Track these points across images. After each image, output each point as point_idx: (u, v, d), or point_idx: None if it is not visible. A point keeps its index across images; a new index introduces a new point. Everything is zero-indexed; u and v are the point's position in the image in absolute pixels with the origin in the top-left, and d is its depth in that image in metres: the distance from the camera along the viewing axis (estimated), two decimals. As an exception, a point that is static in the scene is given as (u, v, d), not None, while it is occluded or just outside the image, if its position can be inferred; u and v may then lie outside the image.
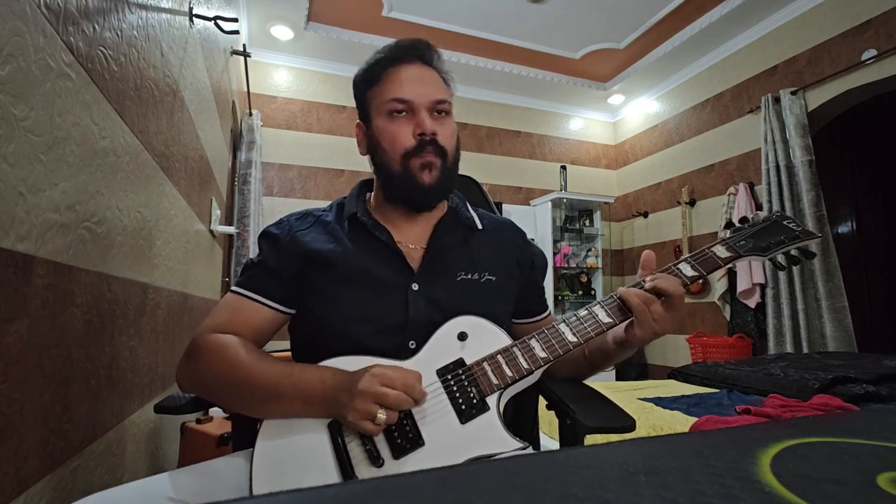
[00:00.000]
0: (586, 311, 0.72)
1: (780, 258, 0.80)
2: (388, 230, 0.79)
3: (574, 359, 0.83)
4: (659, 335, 0.70)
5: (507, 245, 0.86)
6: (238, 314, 0.73)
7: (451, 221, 0.84)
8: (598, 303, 0.73)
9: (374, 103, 0.78)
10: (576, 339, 0.70)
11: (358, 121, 0.83)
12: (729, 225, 0.85)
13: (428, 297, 0.74)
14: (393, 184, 0.78)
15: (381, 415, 0.58)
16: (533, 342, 0.70)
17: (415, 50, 0.78)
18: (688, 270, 0.74)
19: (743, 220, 0.84)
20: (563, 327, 0.71)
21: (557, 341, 0.70)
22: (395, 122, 0.75)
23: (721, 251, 0.77)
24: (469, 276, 0.78)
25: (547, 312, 0.92)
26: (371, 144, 0.80)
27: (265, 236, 0.80)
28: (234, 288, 0.76)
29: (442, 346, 0.70)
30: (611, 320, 0.71)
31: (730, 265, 0.77)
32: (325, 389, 0.62)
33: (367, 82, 0.79)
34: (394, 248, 0.77)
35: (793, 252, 0.79)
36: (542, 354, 0.69)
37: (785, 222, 0.81)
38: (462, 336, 0.70)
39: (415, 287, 0.74)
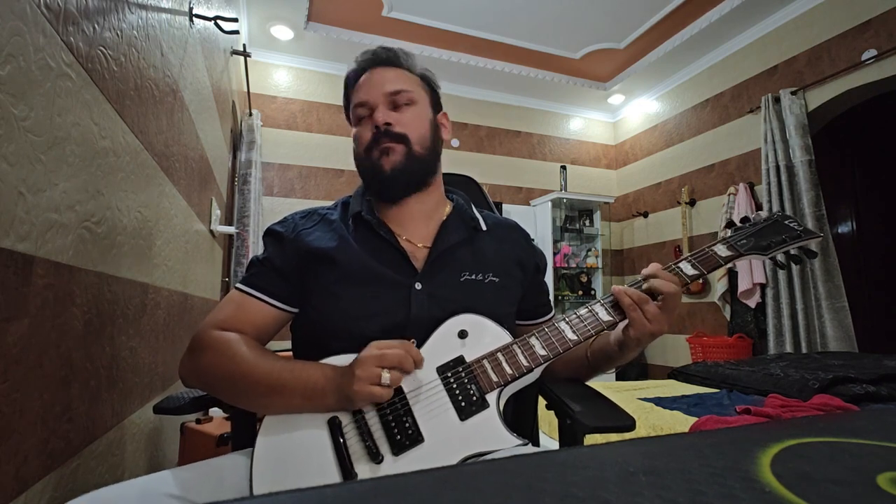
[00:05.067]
0: (586, 310, 0.73)
1: (781, 257, 0.80)
2: (391, 229, 0.79)
3: (576, 360, 0.83)
4: (655, 335, 0.70)
5: (511, 246, 0.86)
6: (241, 311, 0.74)
7: (455, 221, 0.84)
8: (599, 301, 0.73)
9: (351, 114, 0.84)
10: (576, 338, 0.70)
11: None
12: (730, 224, 0.85)
13: (431, 297, 0.74)
14: (365, 180, 0.83)
15: (386, 374, 0.60)
16: (533, 340, 0.70)
17: (374, 57, 0.83)
18: (688, 269, 0.74)
19: (744, 219, 0.84)
20: (563, 325, 0.71)
21: (557, 339, 0.70)
22: (360, 126, 0.82)
23: (722, 250, 0.77)
24: (473, 277, 0.78)
25: (551, 314, 0.92)
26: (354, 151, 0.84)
27: (270, 234, 0.81)
28: (237, 285, 0.77)
29: (442, 344, 0.70)
30: (611, 318, 0.71)
31: (730, 264, 0.77)
32: (328, 381, 0.63)
33: (345, 96, 0.87)
34: (398, 246, 0.77)
35: (793, 251, 0.79)
36: (542, 352, 0.69)
37: (786, 221, 0.81)
38: (462, 334, 0.70)
39: (418, 286, 0.74)
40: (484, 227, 0.85)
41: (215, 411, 1.44)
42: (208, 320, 0.73)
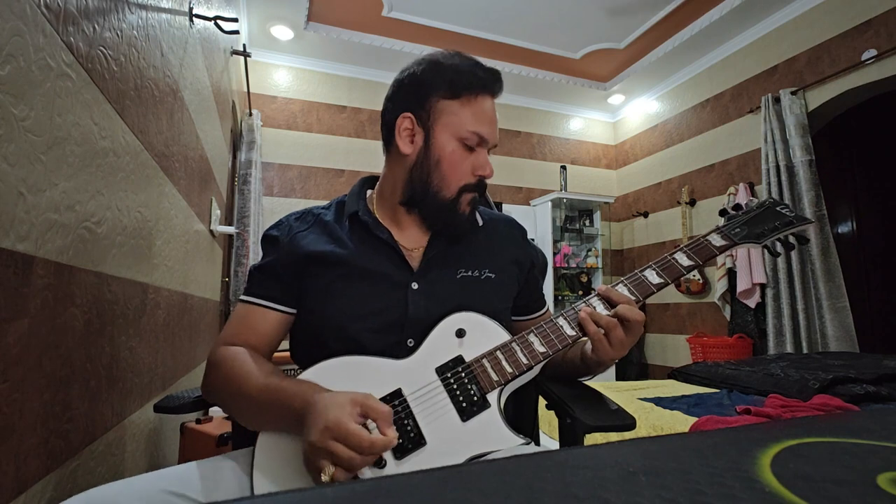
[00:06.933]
0: (584, 305, 0.73)
1: (775, 244, 0.80)
2: (388, 230, 0.79)
3: (555, 364, 0.84)
4: (615, 360, 0.71)
5: (507, 242, 0.87)
6: (245, 323, 0.75)
7: None
8: (596, 295, 0.73)
9: (448, 119, 0.75)
10: (574, 333, 0.70)
11: (408, 113, 0.77)
12: (723, 212, 0.84)
13: (428, 295, 0.74)
14: (434, 204, 0.77)
15: (328, 473, 0.51)
16: (532, 337, 0.70)
17: (497, 84, 0.78)
18: (684, 260, 0.75)
19: (736, 207, 0.83)
20: (561, 321, 0.71)
21: (556, 336, 0.70)
22: (464, 152, 0.76)
23: (716, 239, 0.77)
24: (469, 273, 0.78)
25: (545, 309, 0.92)
26: (427, 155, 0.76)
27: (266, 239, 0.81)
28: (241, 297, 0.78)
29: (440, 344, 0.69)
30: (605, 316, 0.71)
31: (725, 253, 0.77)
32: (295, 413, 0.59)
33: (449, 89, 0.75)
34: (394, 246, 0.77)
35: (787, 238, 0.79)
36: (542, 349, 0.69)
37: (778, 208, 0.81)
38: (460, 333, 0.70)
39: (414, 286, 0.74)
40: (480, 223, 0.85)
41: (215, 411, 1.44)
42: (219, 337, 0.75)
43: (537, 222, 4.22)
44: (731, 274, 3.29)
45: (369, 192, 0.87)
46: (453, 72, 0.75)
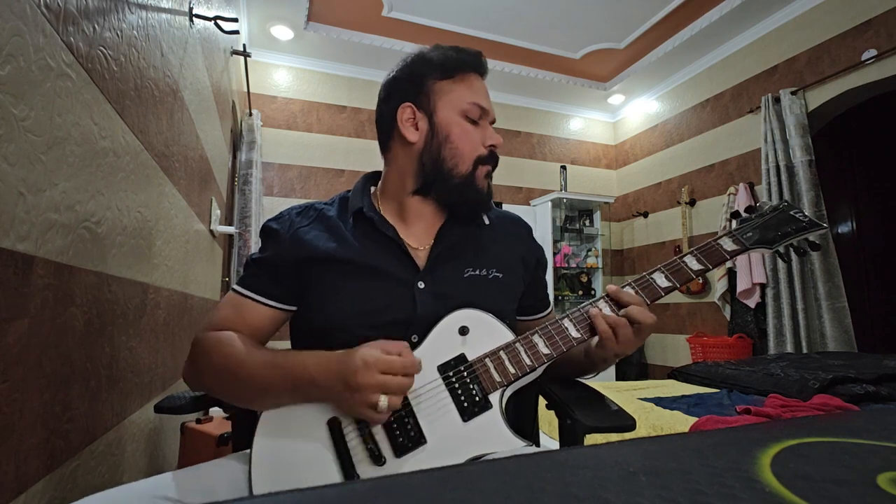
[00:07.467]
0: (591, 306, 0.72)
1: (788, 250, 0.78)
2: (393, 227, 0.77)
3: (573, 359, 0.83)
4: (620, 356, 0.72)
5: (515, 241, 0.86)
6: (237, 313, 0.73)
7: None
8: (603, 297, 0.73)
9: (447, 97, 0.78)
10: (580, 335, 0.70)
11: (407, 102, 0.78)
12: (735, 215, 0.82)
13: (435, 294, 0.72)
14: (451, 182, 0.77)
15: (384, 401, 0.58)
16: (536, 338, 0.69)
17: (483, 65, 0.82)
18: (693, 264, 0.73)
19: (749, 209, 0.81)
20: (566, 323, 0.71)
21: (561, 337, 0.69)
22: (470, 126, 0.78)
23: (728, 244, 0.75)
24: (476, 272, 0.77)
25: (549, 310, 0.92)
26: (434, 135, 0.77)
27: (265, 231, 0.80)
28: (234, 286, 0.76)
29: (443, 341, 0.69)
30: (614, 315, 0.71)
31: (736, 257, 0.76)
32: (311, 376, 0.62)
33: (441, 71, 0.78)
34: (400, 244, 0.75)
35: (798, 243, 0.78)
36: (546, 351, 0.68)
37: (792, 212, 0.79)
38: (463, 330, 0.69)
39: (420, 285, 0.73)
40: (487, 222, 0.84)
41: (215, 411, 1.44)
42: (205, 323, 0.73)
43: (537, 222, 4.22)
44: (731, 274, 3.29)
45: (372, 188, 0.86)
46: (441, 57, 0.79)
